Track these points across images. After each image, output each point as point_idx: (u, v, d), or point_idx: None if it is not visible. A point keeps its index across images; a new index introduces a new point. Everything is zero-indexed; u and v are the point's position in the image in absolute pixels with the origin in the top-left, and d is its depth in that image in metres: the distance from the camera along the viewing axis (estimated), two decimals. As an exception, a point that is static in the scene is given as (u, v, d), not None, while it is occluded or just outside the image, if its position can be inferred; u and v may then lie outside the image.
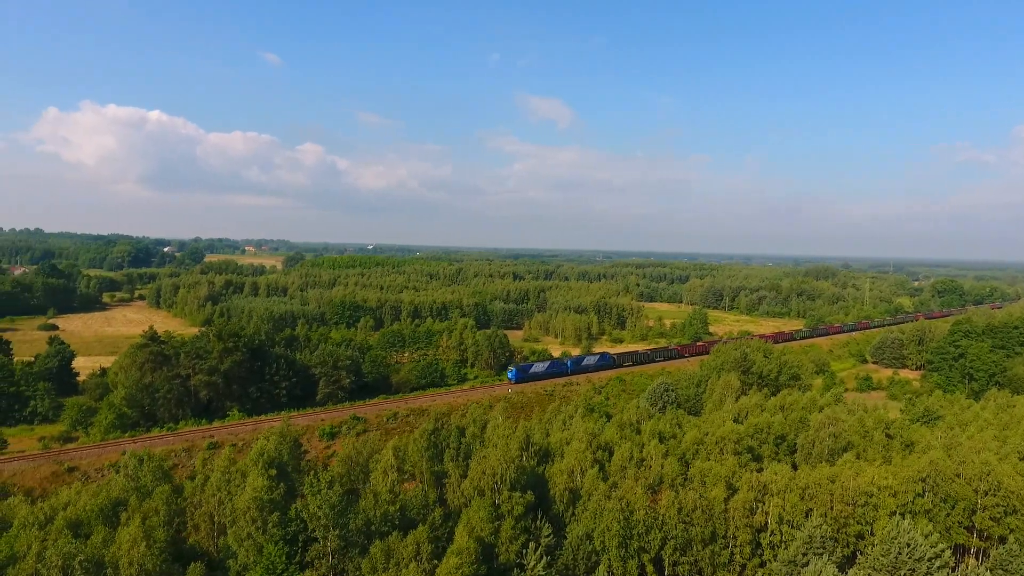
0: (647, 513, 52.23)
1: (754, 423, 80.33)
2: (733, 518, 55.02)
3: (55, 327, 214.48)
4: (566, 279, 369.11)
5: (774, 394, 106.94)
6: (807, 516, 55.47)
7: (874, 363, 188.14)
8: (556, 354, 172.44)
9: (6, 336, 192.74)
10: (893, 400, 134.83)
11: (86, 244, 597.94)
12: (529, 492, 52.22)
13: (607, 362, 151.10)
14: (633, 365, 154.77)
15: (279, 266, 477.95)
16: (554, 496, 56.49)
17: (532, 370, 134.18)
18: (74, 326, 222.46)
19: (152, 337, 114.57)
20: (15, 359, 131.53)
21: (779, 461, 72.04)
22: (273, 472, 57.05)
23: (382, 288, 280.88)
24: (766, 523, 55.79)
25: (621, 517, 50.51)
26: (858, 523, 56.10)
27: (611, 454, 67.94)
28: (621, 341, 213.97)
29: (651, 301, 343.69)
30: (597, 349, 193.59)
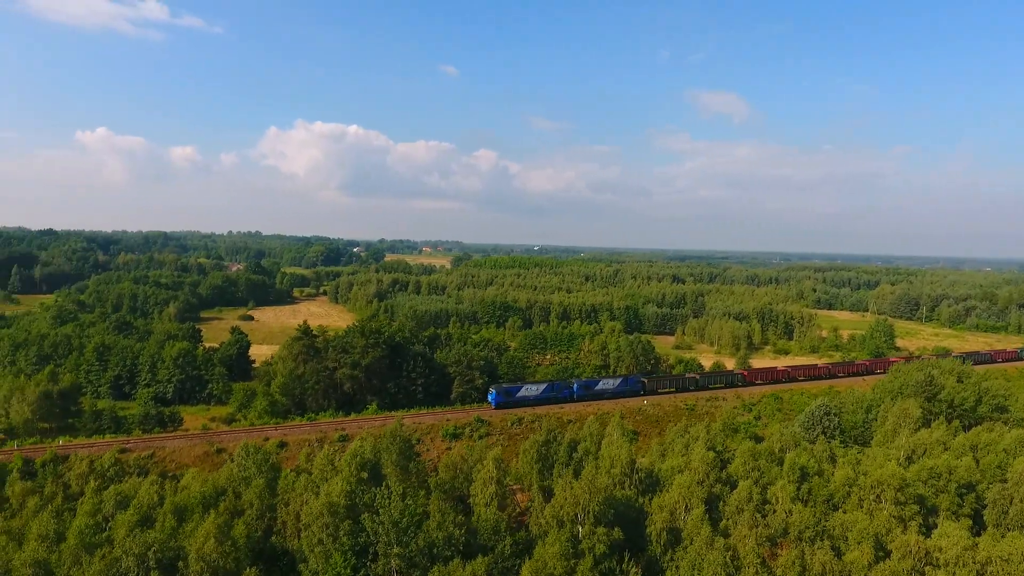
0: (759, 572, 43.57)
1: (929, 466, 65.68)
2: (877, 590, 44.17)
3: (251, 318, 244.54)
4: (731, 282, 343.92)
5: (967, 429, 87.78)
6: (985, 601, 42.90)
7: None
8: (707, 365, 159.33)
9: (212, 324, 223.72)
10: None
11: (290, 245, 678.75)
12: (617, 529, 46.22)
13: (632, 387, 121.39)
14: (676, 392, 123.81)
15: (448, 265, 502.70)
16: (651, 535, 49.61)
17: (519, 394, 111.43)
18: (266, 317, 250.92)
19: (305, 331, 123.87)
20: (206, 345, 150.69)
21: (959, 519, 57.75)
22: (364, 475, 56.83)
23: (535, 289, 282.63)
24: (924, 602, 44.13)
25: (724, 573, 42.58)
26: (1064, 620, 42.25)
27: (735, 489, 58.88)
28: (786, 352, 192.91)
29: (829, 309, 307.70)
30: (758, 361, 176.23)
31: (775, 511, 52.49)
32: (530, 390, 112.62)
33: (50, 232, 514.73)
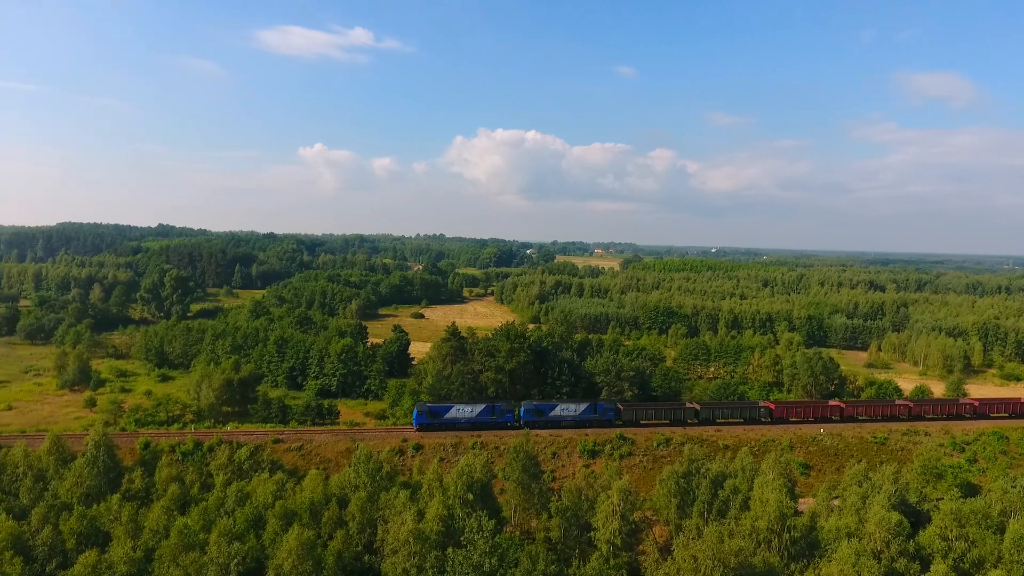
0: None
1: None
2: None
3: (422, 316, 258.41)
4: (945, 291, 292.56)
5: None
6: None
7: None
8: (907, 388, 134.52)
9: (388, 320, 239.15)
10: None
11: (467, 246, 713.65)
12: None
13: (602, 415, 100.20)
14: (676, 425, 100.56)
15: (616, 268, 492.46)
16: (796, 617, 39.31)
17: (448, 415, 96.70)
18: (436, 315, 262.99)
19: (453, 333, 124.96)
20: (372, 341, 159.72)
21: None
22: (471, 496, 53.00)
23: (704, 294, 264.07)
24: None
25: None
26: None
27: (926, 570, 45.62)
28: (1018, 379, 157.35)
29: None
30: (977, 388, 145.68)
31: (982, 608, 39.18)
32: (462, 411, 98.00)
33: (271, 235, 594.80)
